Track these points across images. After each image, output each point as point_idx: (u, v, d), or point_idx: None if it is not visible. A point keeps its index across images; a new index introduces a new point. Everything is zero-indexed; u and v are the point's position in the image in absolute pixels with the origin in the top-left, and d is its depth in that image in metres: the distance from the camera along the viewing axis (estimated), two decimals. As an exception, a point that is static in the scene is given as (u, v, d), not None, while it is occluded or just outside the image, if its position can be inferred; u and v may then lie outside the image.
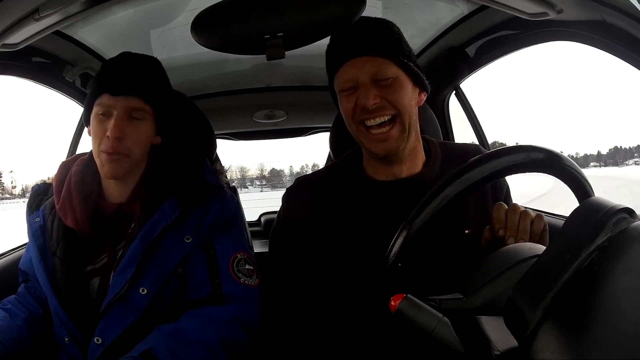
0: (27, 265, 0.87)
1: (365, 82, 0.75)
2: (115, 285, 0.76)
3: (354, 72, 0.75)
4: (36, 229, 0.84)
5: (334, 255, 0.79)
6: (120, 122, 0.79)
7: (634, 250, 0.35)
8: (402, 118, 0.76)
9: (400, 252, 0.53)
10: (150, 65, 0.85)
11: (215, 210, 0.83)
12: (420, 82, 0.79)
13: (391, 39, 0.77)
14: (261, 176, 13.05)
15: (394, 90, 0.75)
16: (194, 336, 0.73)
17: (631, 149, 26.08)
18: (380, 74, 0.74)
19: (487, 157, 0.54)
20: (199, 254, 0.81)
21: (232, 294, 0.80)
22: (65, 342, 0.79)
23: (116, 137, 0.78)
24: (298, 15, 0.77)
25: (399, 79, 0.76)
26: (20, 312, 0.83)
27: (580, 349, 0.31)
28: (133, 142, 0.81)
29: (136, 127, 0.81)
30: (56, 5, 0.68)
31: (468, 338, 0.45)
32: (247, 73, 1.50)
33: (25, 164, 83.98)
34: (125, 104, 0.80)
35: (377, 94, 0.74)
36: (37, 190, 0.91)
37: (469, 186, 0.52)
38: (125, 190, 0.85)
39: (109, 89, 0.80)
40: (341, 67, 0.77)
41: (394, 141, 0.76)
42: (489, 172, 0.53)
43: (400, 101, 0.75)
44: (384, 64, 0.75)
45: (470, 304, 0.47)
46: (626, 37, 0.69)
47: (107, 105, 0.80)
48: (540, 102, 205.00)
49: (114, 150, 0.79)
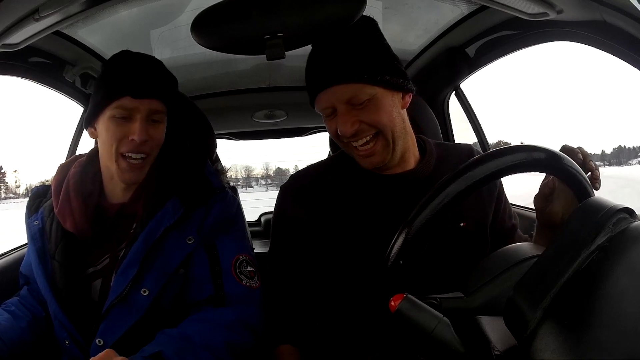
0: (27, 269, 0.87)
1: (342, 109, 0.75)
2: (117, 287, 0.76)
3: (329, 99, 0.76)
4: (35, 231, 0.84)
5: (330, 248, 0.79)
6: (145, 125, 0.79)
7: (634, 250, 0.35)
8: (385, 134, 0.76)
9: (402, 251, 0.53)
10: (162, 66, 0.85)
11: (217, 211, 0.83)
12: (400, 87, 0.78)
13: (363, 58, 0.75)
14: (266, 175, 13.00)
15: (372, 111, 0.75)
16: (200, 340, 0.72)
17: (635, 148, 26.06)
18: (355, 99, 0.74)
19: (488, 156, 0.54)
20: (202, 255, 0.81)
21: (234, 295, 0.80)
22: (66, 344, 0.79)
23: (143, 141, 0.78)
24: (298, 15, 0.77)
25: (376, 98, 0.75)
26: (23, 314, 0.83)
27: (581, 348, 0.31)
28: (155, 144, 0.82)
29: (157, 129, 0.82)
30: (56, 5, 0.68)
31: (468, 338, 0.45)
32: (248, 73, 1.50)
33: (29, 164, 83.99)
34: (148, 106, 0.79)
35: (355, 119, 0.75)
36: (36, 192, 0.91)
37: (470, 185, 0.52)
38: (128, 190, 0.84)
39: (131, 91, 0.78)
40: (317, 94, 0.77)
41: (379, 155, 0.77)
42: (490, 172, 0.53)
43: (379, 120, 0.75)
44: (358, 88, 0.74)
45: (471, 303, 0.47)
46: (626, 37, 0.69)
47: (129, 109, 0.78)
48: (544, 102, 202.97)
49: (140, 150, 0.79)
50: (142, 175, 0.82)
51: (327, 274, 0.80)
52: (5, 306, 0.84)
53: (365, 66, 0.74)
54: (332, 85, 0.75)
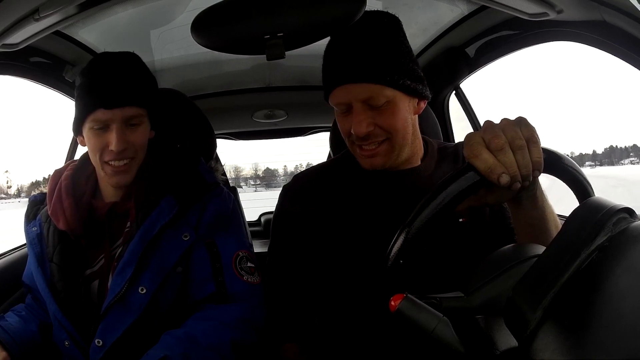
0: (29, 278, 0.88)
1: (358, 108, 0.73)
2: (115, 287, 0.76)
3: (346, 96, 0.74)
4: (33, 237, 0.85)
5: (331, 247, 0.79)
6: (121, 134, 0.79)
7: (634, 250, 0.35)
8: (394, 140, 0.75)
9: (402, 250, 0.53)
10: (134, 65, 0.84)
11: (213, 207, 0.84)
12: (418, 94, 0.77)
13: (386, 58, 0.72)
14: (255, 175, 12.87)
15: (388, 115, 0.73)
16: (205, 341, 0.73)
17: (627, 148, 26.00)
18: (373, 100, 0.72)
19: None
20: (201, 252, 0.81)
21: (236, 292, 0.80)
22: (66, 345, 0.79)
23: (122, 149, 0.79)
24: (298, 15, 0.77)
25: (394, 101, 0.73)
26: (32, 318, 0.86)
27: (581, 349, 0.31)
28: (137, 147, 0.82)
29: (136, 133, 0.81)
30: (56, 5, 0.68)
31: (468, 338, 0.45)
32: (247, 73, 1.50)
33: (21, 164, 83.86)
34: (122, 115, 0.79)
35: (370, 121, 0.73)
36: (33, 200, 0.92)
37: (471, 185, 0.52)
38: (120, 190, 0.85)
39: (102, 103, 0.78)
40: (334, 89, 0.75)
41: (382, 157, 0.76)
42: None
43: (394, 125, 0.74)
44: (377, 89, 0.72)
45: (471, 302, 0.47)
46: (626, 37, 0.69)
47: (103, 120, 0.78)
48: (535, 101, 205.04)
49: (122, 157, 0.80)
50: (130, 176, 0.82)
51: (328, 273, 0.80)
52: (15, 311, 0.87)
53: (389, 68, 0.72)
54: (352, 83, 0.73)
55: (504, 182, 0.50)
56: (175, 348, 0.70)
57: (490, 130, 0.52)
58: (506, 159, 0.50)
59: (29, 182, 40.04)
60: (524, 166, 0.51)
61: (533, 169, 0.52)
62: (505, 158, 0.50)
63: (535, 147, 0.52)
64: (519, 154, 0.51)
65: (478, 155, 0.51)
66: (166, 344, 0.72)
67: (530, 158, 0.51)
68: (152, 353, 0.70)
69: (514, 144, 0.51)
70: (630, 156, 23.80)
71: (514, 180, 0.51)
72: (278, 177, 14.35)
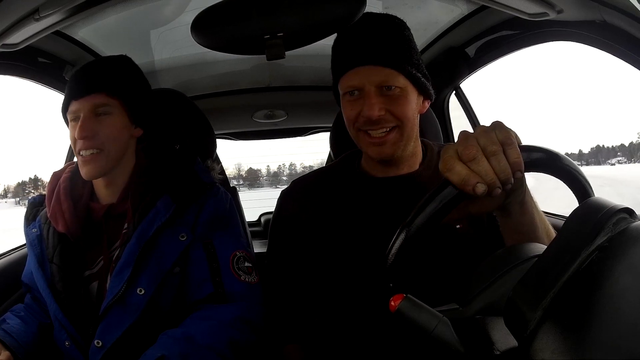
0: (29, 278, 0.88)
1: (371, 91, 0.73)
2: (113, 288, 0.76)
3: (360, 79, 0.74)
4: (33, 239, 0.85)
5: (330, 249, 0.79)
6: (86, 122, 0.80)
7: (634, 250, 0.35)
8: (403, 128, 0.75)
9: (402, 250, 0.52)
10: (114, 61, 0.86)
11: (210, 207, 0.84)
12: (425, 92, 0.78)
13: (401, 47, 0.74)
14: (238, 176, 12.70)
15: (400, 103, 0.74)
16: (204, 341, 0.73)
17: (614, 147, 26.02)
18: (387, 83, 0.73)
19: None
20: (199, 252, 0.81)
21: (234, 292, 0.80)
22: (66, 346, 0.79)
23: (84, 137, 0.79)
24: (298, 15, 0.77)
25: (406, 90, 0.74)
26: (32, 319, 0.86)
27: (581, 349, 0.31)
28: (105, 137, 0.81)
29: (104, 122, 0.82)
30: (56, 5, 0.68)
31: (468, 338, 0.45)
32: (247, 73, 1.50)
33: (6, 164, 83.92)
34: (87, 103, 0.81)
35: (382, 105, 0.73)
36: (32, 202, 0.93)
37: (451, 199, 0.51)
38: (115, 190, 0.85)
39: (73, 95, 0.81)
40: (347, 72, 0.75)
41: (390, 146, 0.76)
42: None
43: (404, 113, 0.74)
44: (391, 74, 0.73)
45: (467, 313, 0.46)
46: (626, 37, 0.69)
47: (74, 111, 0.81)
48: (521, 100, 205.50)
49: (87, 147, 0.80)
50: (98, 170, 0.82)
51: (326, 276, 0.80)
52: (15, 312, 0.87)
53: (404, 57, 0.74)
54: (368, 64, 0.73)
55: (480, 192, 0.48)
56: (172, 348, 0.70)
57: (463, 141, 0.51)
58: (480, 168, 0.49)
59: (15, 182, 39.95)
60: (501, 171, 0.49)
61: (513, 170, 0.50)
62: (478, 167, 0.49)
63: (511, 149, 0.50)
64: (493, 160, 0.49)
65: (451, 169, 0.49)
66: (164, 344, 0.72)
67: (507, 161, 0.49)
68: (150, 353, 0.70)
69: (487, 151, 0.49)
70: (617, 156, 23.76)
71: (492, 188, 0.49)
72: (261, 178, 14.22)
